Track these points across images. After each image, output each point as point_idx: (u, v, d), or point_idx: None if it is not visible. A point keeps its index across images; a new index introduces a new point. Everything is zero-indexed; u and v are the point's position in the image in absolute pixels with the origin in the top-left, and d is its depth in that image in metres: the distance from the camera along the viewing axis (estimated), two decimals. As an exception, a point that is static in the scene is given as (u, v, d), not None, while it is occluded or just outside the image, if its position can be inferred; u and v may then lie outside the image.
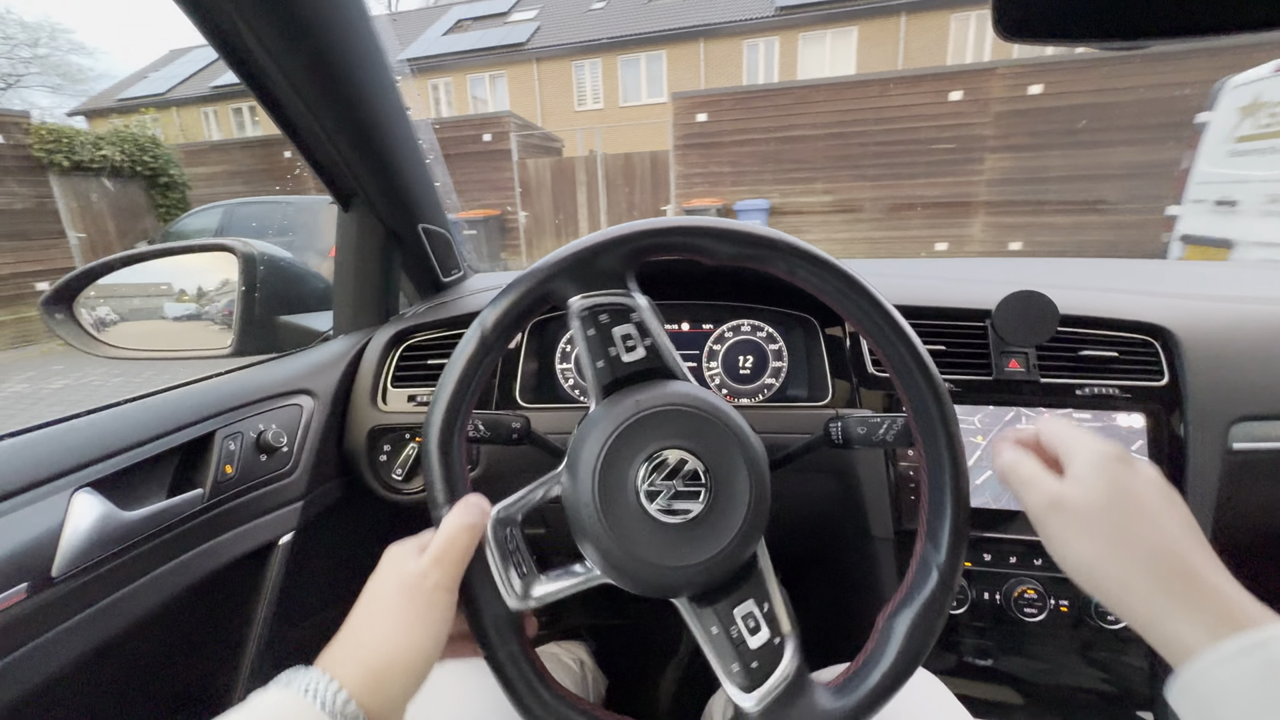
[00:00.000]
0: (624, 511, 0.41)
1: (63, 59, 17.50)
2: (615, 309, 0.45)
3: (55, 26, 22.64)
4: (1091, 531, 0.37)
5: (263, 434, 0.69)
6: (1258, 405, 0.72)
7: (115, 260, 0.83)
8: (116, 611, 0.53)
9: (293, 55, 0.60)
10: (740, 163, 8.33)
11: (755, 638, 0.41)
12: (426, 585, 0.38)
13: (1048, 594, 0.75)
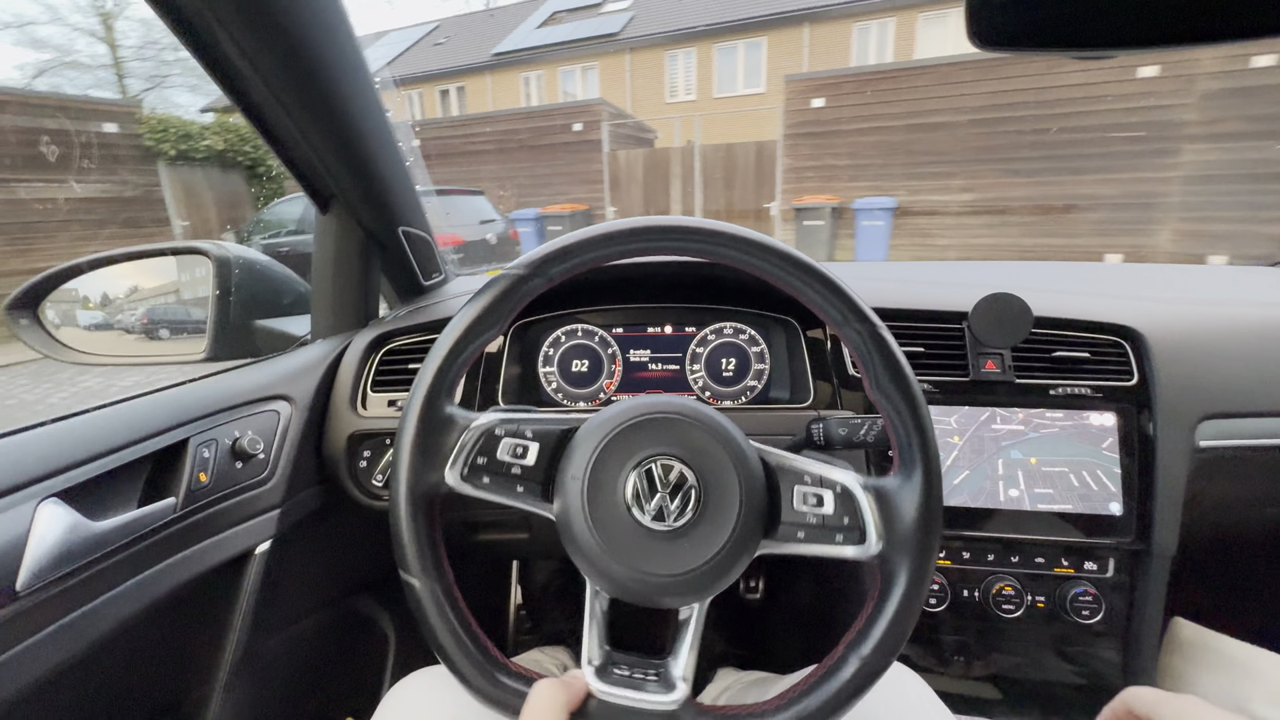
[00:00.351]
0: (614, 521, 0.42)
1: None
2: (480, 447, 0.45)
3: None
4: None
5: (238, 440, 0.68)
6: (1223, 404, 0.76)
7: (83, 264, 0.82)
8: (86, 626, 0.52)
9: (268, 55, 0.60)
10: (861, 154, 7.23)
11: (825, 506, 0.44)
12: None
13: (1024, 590, 0.79)
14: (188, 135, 8.65)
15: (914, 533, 0.43)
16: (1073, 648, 0.81)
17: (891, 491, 0.44)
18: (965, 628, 0.82)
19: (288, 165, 0.75)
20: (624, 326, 0.91)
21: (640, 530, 0.42)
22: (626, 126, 9.90)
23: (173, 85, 18.62)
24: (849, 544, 0.44)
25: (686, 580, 0.42)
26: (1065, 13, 0.36)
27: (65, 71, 16.56)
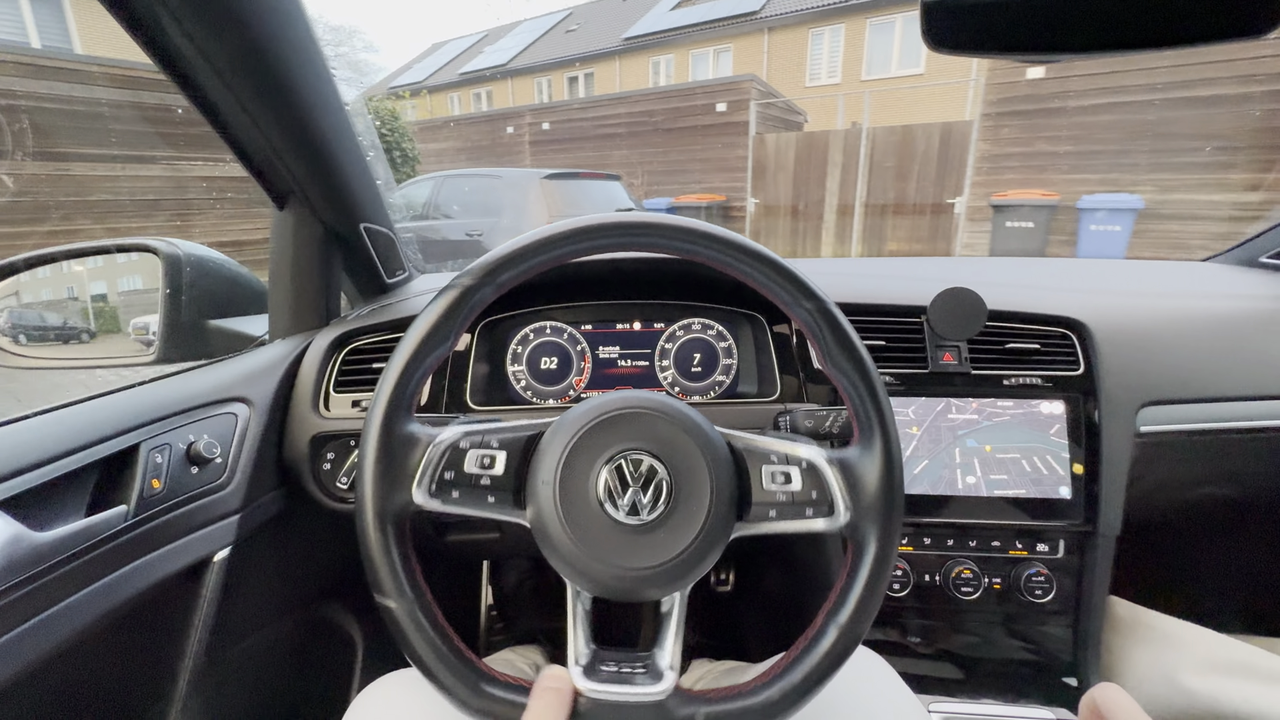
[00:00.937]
0: (589, 521, 0.45)
1: (356, 56, 20.01)
2: (446, 461, 0.46)
3: (353, 29, 26.38)
4: None
5: (193, 445, 0.67)
6: (1162, 390, 0.83)
7: (19, 262, 0.82)
8: (32, 641, 0.51)
9: (219, 45, 0.59)
10: (1089, 138, 5.65)
11: (793, 483, 0.46)
12: None
13: (981, 573, 0.84)
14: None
15: (879, 499, 0.46)
16: (1027, 626, 0.86)
17: (854, 461, 0.47)
18: (926, 611, 0.87)
19: (241, 159, 0.74)
20: (593, 323, 0.93)
21: (616, 527, 0.44)
22: (775, 107, 8.76)
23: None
24: (819, 517, 0.46)
25: (666, 571, 0.44)
26: (1014, 19, 0.38)
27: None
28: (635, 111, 9.54)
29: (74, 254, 0.85)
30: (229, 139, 0.71)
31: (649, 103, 9.52)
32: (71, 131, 5.30)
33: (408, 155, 10.00)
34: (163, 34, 0.57)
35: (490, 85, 17.86)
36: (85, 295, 1.01)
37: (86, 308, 1.00)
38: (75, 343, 0.98)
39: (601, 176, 6.23)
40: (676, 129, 9.15)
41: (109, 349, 0.97)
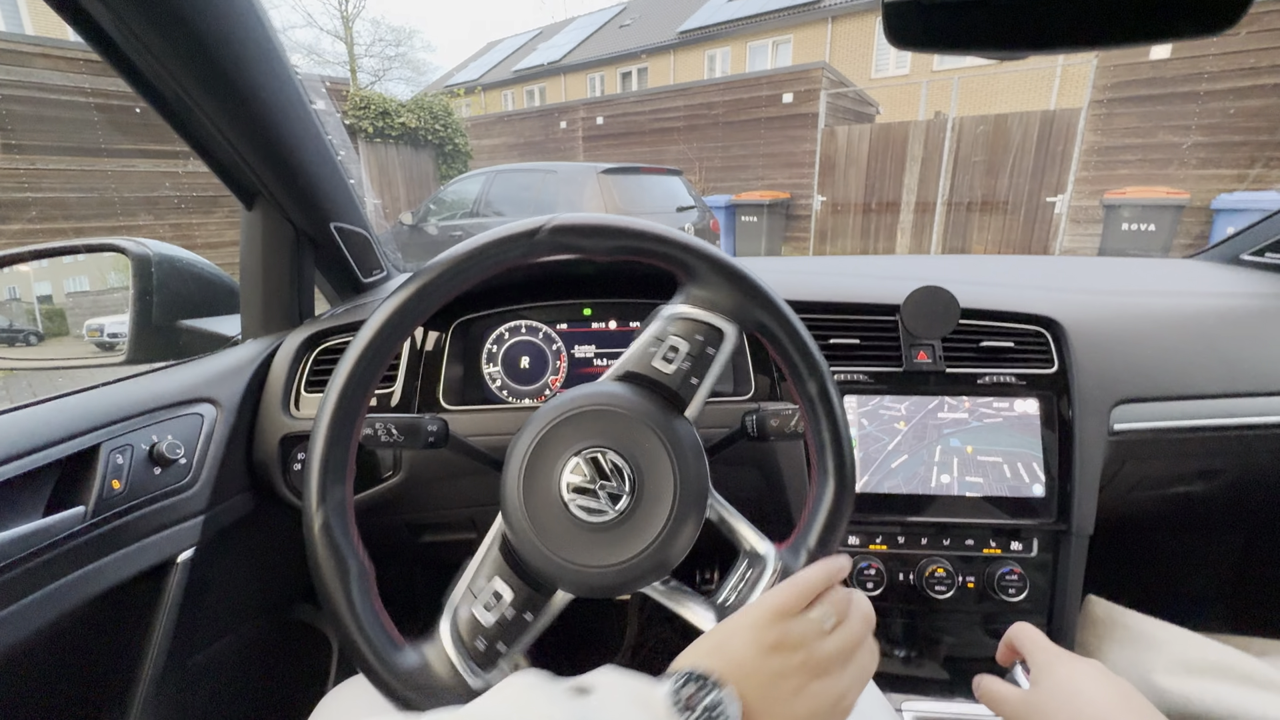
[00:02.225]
0: (549, 515, 0.46)
1: (415, 56, 20.28)
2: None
3: (412, 30, 26.95)
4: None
5: (156, 445, 0.68)
6: (1135, 389, 0.83)
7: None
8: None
9: (169, 48, 0.59)
10: (1227, 126, 4.59)
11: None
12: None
13: (956, 571, 0.85)
14: (385, 113, 8.58)
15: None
16: (1001, 625, 0.82)
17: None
18: (901, 610, 0.88)
19: (205, 160, 0.75)
20: (568, 322, 0.93)
21: (574, 523, 0.46)
22: (847, 98, 8.01)
23: (391, 78, 20.38)
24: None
25: (634, 564, 0.45)
26: (975, 18, 0.40)
27: (313, 69, 18.59)
28: (694, 104, 9.19)
29: (41, 254, 0.85)
30: (188, 138, 0.72)
31: (709, 94, 9.13)
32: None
33: (460, 150, 9.89)
34: (110, 36, 0.58)
35: (543, 82, 17.97)
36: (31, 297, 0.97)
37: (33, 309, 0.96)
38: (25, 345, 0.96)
39: (662, 171, 5.98)
40: (738, 122, 8.75)
41: (70, 350, 0.96)
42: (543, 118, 11.35)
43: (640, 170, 5.72)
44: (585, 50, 17.19)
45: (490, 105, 18.42)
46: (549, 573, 0.45)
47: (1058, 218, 6.37)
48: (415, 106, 9.26)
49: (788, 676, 0.37)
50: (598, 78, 16.61)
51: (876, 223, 7.66)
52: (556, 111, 11.23)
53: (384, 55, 19.79)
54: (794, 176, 8.20)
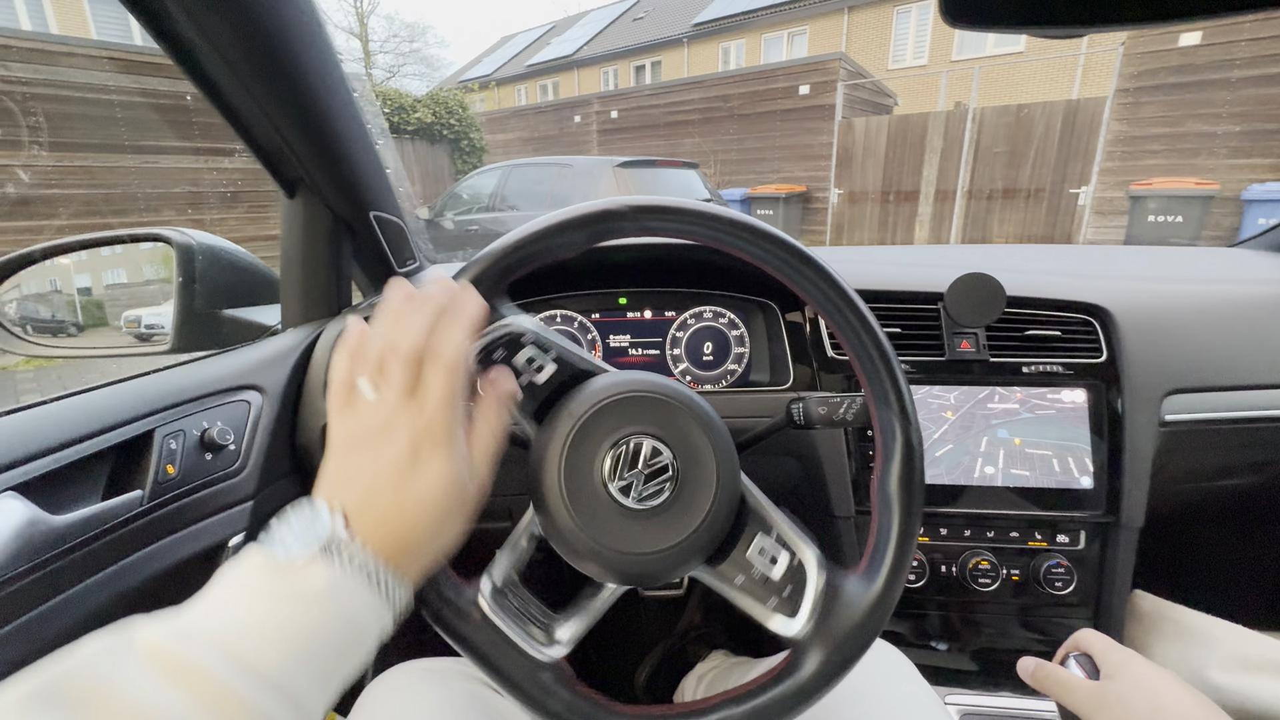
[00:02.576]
0: (591, 502, 0.46)
1: (429, 52, 20.37)
2: (505, 341, 0.46)
3: (426, 25, 27.30)
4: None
5: (207, 431, 0.68)
6: (1187, 379, 0.82)
7: (36, 252, 0.83)
8: (49, 623, 0.52)
9: (224, 26, 0.60)
10: (1260, 114, 4.52)
11: (776, 567, 0.46)
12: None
13: (1000, 564, 0.83)
14: (401, 108, 8.63)
15: (844, 639, 0.44)
16: (1046, 619, 0.85)
17: (844, 590, 0.45)
18: (943, 602, 0.87)
19: (250, 146, 0.75)
20: (603, 311, 0.93)
21: (618, 509, 0.45)
22: (864, 89, 7.92)
23: (405, 74, 20.50)
24: (779, 613, 0.45)
25: (667, 555, 0.44)
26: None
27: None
28: (709, 97, 9.17)
29: (89, 244, 0.85)
30: (236, 125, 0.72)
31: (724, 87, 9.12)
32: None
33: (475, 145, 9.95)
34: (168, 18, 0.58)
35: (557, 76, 17.95)
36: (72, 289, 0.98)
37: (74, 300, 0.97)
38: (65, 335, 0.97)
39: (678, 164, 5.98)
40: (754, 114, 8.73)
41: (108, 341, 0.97)
42: (557, 112, 11.38)
43: (656, 164, 5.72)
44: (599, 44, 17.14)
45: (504, 100, 18.54)
46: (592, 561, 0.45)
47: (1081, 209, 6.30)
48: (430, 102, 9.32)
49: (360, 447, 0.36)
50: (611, 71, 16.57)
51: (895, 215, 7.61)
52: (570, 106, 11.24)
53: (398, 51, 19.92)
54: (810, 169, 8.17)
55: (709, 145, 9.15)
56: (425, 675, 0.56)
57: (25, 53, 4.81)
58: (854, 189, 7.90)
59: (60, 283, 0.97)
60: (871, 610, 0.44)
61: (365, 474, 0.36)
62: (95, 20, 7.58)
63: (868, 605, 0.44)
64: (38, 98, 4.80)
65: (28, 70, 4.69)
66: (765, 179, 8.48)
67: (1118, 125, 5.90)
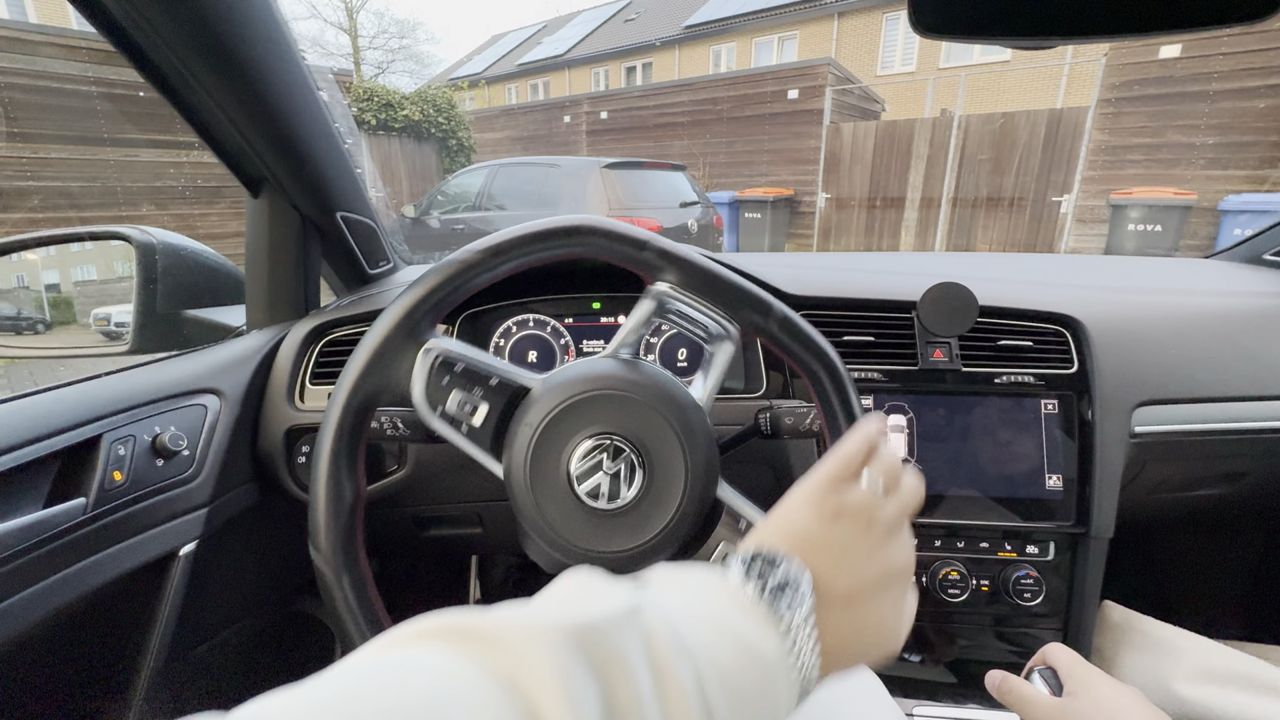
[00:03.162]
0: (559, 503, 0.46)
1: (419, 48, 20.23)
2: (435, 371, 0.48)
3: (416, 22, 26.84)
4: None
5: (159, 436, 0.67)
6: (1158, 390, 0.82)
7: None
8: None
9: (172, 25, 0.59)
10: (1237, 127, 4.61)
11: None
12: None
13: (969, 574, 0.83)
14: (389, 105, 8.54)
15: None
16: (1016, 629, 0.86)
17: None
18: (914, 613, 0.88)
19: (209, 144, 0.74)
20: (576, 316, 0.93)
21: (584, 510, 0.45)
22: (852, 95, 7.98)
23: (395, 71, 20.30)
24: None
25: (634, 555, 0.45)
26: (1004, 4, 0.39)
27: (317, 60, 18.49)
28: (699, 99, 9.20)
29: (47, 241, 0.84)
30: (193, 123, 0.71)
31: (714, 89, 9.15)
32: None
33: (463, 144, 9.89)
34: (111, 12, 0.58)
35: (547, 76, 17.93)
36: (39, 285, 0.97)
37: (40, 297, 0.97)
38: (32, 333, 0.97)
39: (666, 167, 5.99)
40: (743, 118, 8.76)
41: (77, 339, 0.97)
42: (546, 111, 11.38)
43: (644, 165, 5.74)
44: (590, 44, 17.15)
45: (494, 99, 18.47)
46: (559, 559, 0.45)
47: (1063, 217, 6.37)
48: (419, 99, 9.31)
49: (855, 542, 0.35)
50: (602, 72, 16.58)
51: (881, 220, 7.66)
52: (560, 106, 11.24)
53: (388, 48, 19.76)
54: (798, 173, 8.19)
55: (698, 148, 9.15)
56: None
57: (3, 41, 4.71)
58: (841, 194, 7.95)
59: (27, 279, 0.95)
60: None
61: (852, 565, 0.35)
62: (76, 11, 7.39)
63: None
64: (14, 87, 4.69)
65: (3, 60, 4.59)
66: (754, 182, 8.48)
67: (1099, 135, 6.00)
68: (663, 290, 0.51)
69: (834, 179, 7.91)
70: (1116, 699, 0.47)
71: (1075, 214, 6.28)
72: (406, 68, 21.30)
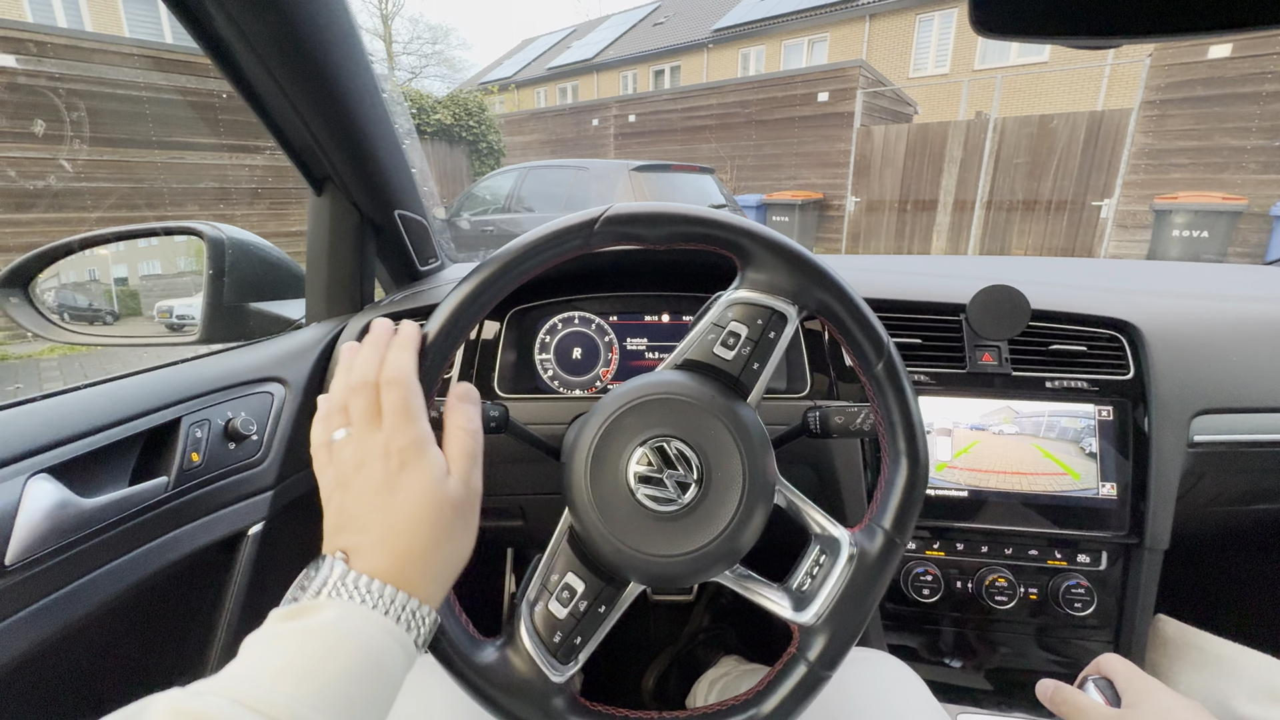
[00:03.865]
0: (617, 504, 0.46)
1: (451, 53, 20.68)
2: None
3: (449, 27, 27.38)
4: None
5: (231, 421, 0.70)
6: (1217, 399, 0.79)
7: (74, 242, 0.85)
8: (74, 601, 0.54)
9: (261, 27, 0.62)
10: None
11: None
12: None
13: (1017, 582, 0.82)
14: (421, 109, 8.75)
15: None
16: (1064, 640, 0.84)
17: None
18: (959, 619, 0.86)
19: (281, 144, 0.77)
20: (620, 314, 0.94)
21: (643, 511, 0.46)
22: (884, 97, 7.91)
23: (427, 76, 20.75)
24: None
25: (709, 552, 0.45)
26: (1070, 2, 0.38)
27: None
28: (727, 102, 9.17)
29: (125, 236, 0.87)
30: (269, 124, 0.74)
31: (743, 92, 9.10)
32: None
33: (493, 148, 10.12)
34: (209, 20, 0.60)
35: (576, 80, 18.02)
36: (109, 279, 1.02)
37: (110, 290, 1.01)
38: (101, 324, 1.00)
39: (694, 170, 6.01)
40: (771, 120, 8.70)
41: (143, 330, 1.00)
42: (575, 115, 11.48)
43: (672, 168, 5.80)
44: (619, 48, 17.22)
45: (523, 102, 18.62)
46: (618, 563, 0.45)
47: (1104, 222, 6.22)
48: (450, 103, 9.54)
49: (344, 487, 0.38)
50: (630, 75, 16.63)
51: (912, 224, 7.56)
52: (589, 109, 11.31)
53: (420, 53, 20.19)
54: (828, 176, 8.14)
55: (726, 151, 9.14)
56: (420, 668, 0.55)
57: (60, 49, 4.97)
58: (871, 197, 7.87)
59: (98, 273, 1.00)
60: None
61: (352, 509, 0.38)
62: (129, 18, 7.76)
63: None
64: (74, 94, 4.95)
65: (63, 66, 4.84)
66: (782, 185, 8.48)
67: (1143, 138, 5.85)
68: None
69: (864, 182, 7.90)
70: (1179, 711, 0.46)
71: (1116, 219, 6.14)
72: (438, 72, 21.74)
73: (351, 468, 0.39)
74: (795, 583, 0.49)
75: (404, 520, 0.37)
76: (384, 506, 0.37)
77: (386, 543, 0.36)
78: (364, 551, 0.36)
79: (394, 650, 0.34)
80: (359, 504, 0.38)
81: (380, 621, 0.34)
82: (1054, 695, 0.53)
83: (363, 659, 0.32)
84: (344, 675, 0.31)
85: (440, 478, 0.39)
